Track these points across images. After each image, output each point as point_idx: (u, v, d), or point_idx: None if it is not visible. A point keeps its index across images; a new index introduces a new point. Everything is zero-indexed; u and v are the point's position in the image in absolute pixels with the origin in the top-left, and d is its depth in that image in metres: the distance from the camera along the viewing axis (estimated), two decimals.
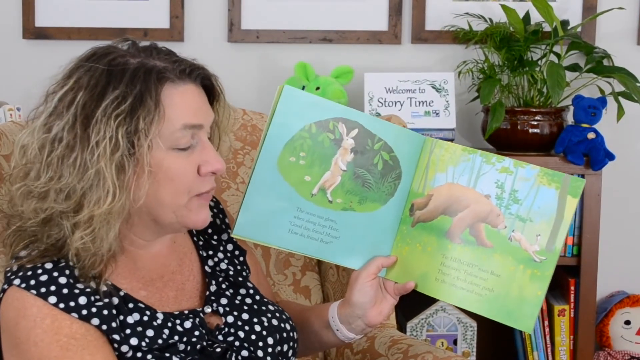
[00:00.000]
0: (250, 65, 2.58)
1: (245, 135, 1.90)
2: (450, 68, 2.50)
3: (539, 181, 1.30)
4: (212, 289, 1.33)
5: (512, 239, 1.31)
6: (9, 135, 1.51)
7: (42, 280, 1.16)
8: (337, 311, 1.43)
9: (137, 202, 1.19)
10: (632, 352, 2.44)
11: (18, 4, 2.59)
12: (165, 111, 1.18)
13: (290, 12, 2.55)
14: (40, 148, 1.17)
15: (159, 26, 2.57)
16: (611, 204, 2.49)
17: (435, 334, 2.38)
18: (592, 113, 2.27)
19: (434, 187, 1.36)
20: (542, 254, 1.29)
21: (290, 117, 1.32)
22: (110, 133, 1.14)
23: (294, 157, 1.33)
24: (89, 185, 1.14)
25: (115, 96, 1.15)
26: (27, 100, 2.29)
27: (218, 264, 1.38)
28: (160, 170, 1.19)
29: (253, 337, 1.30)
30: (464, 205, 1.34)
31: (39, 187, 1.16)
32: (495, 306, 1.30)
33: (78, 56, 1.23)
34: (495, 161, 1.33)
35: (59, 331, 1.14)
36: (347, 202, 1.36)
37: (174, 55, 1.24)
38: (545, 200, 1.30)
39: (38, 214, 1.17)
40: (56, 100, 1.18)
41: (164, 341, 1.21)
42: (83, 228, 1.16)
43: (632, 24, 2.51)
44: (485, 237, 1.32)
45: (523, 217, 1.30)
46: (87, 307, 1.16)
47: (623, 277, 2.56)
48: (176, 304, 1.29)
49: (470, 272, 1.32)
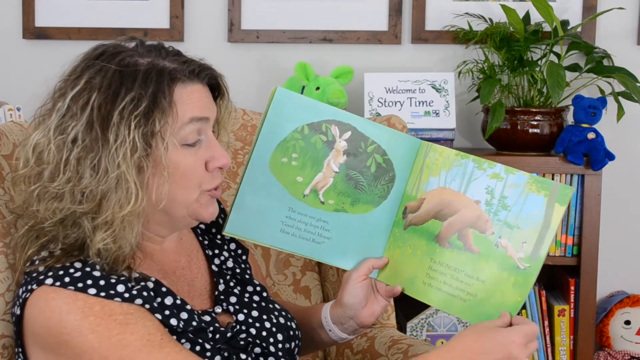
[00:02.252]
0: (250, 65, 2.58)
1: (245, 135, 1.90)
2: (450, 68, 2.50)
3: (528, 188, 1.30)
4: (221, 288, 1.35)
5: (498, 245, 1.30)
6: (9, 135, 1.51)
7: (76, 277, 1.16)
8: (329, 311, 1.44)
9: (159, 203, 1.21)
10: (632, 352, 2.44)
11: (18, 4, 2.59)
12: (177, 110, 1.19)
13: (290, 12, 2.55)
14: (58, 149, 1.17)
15: (159, 26, 2.57)
16: (611, 204, 2.49)
17: (435, 334, 2.38)
18: (592, 113, 2.27)
19: (426, 191, 1.36)
20: (527, 261, 1.28)
21: (282, 118, 1.34)
22: (129, 135, 1.15)
23: (286, 158, 1.34)
24: (110, 187, 1.16)
25: (131, 98, 1.16)
26: (27, 100, 2.29)
27: (224, 262, 1.39)
28: (174, 167, 1.21)
29: (264, 334, 1.32)
30: (454, 210, 1.34)
31: (57, 188, 1.16)
32: (477, 311, 1.30)
33: (85, 53, 1.23)
34: (486, 167, 1.33)
35: (112, 312, 1.15)
36: (340, 204, 1.37)
37: (182, 56, 1.26)
38: (533, 208, 1.29)
39: (55, 214, 1.17)
40: (69, 101, 1.18)
41: (198, 324, 1.23)
42: (104, 229, 1.17)
43: (632, 24, 2.51)
44: (472, 242, 1.32)
45: (511, 224, 1.30)
46: (127, 291, 1.17)
47: (623, 277, 2.56)
48: (190, 299, 1.30)
49: (456, 277, 1.32)
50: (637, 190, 2.56)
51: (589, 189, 2.27)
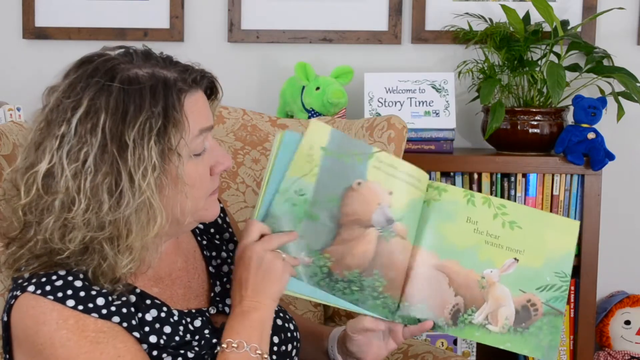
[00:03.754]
0: (250, 65, 2.58)
1: (245, 135, 1.90)
2: (450, 68, 2.50)
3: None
4: (217, 290, 1.34)
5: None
6: (9, 135, 1.51)
7: (57, 285, 1.14)
8: (337, 341, 1.43)
9: (184, 218, 1.20)
10: (632, 352, 2.44)
11: (18, 4, 2.59)
12: (189, 122, 1.17)
13: (290, 12, 2.55)
14: (73, 177, 1.12)
15: (159, 26, 2.57)
16: (611, 204, 2.49)
17: (435, 334, 2.37)
18: (592, 113, 2.27)
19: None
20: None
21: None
22: (148, 155, 1.12)
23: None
24: (134, 211, 1.13)
25: (144, 118, 1.13)
26: (27, 100, 2.29)
27: (221, 265, 1.38)
28: (189, 180, 1.19)
29: None
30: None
31: (76, 218, 1.12)
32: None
33: (75, 69, 1.17)
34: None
35: (85, 328, 1.13)
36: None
37: (177, 62, 1.22)
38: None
39: (74, 243, 1.13)
40: (75, 125, 1.12)
41: (181, 338, 1.22)
42: (127, 253, 1.15)
43: (632, 24, 2.51)
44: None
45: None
46: (106, 306, 1.15)
47: (623, 277, 2.56)
48: (185, 301, 1.30)
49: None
50: (637, 190, 2.56)
51: (589, 189, 2.27)
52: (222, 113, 1.91)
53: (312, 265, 1.30)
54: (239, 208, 1.82)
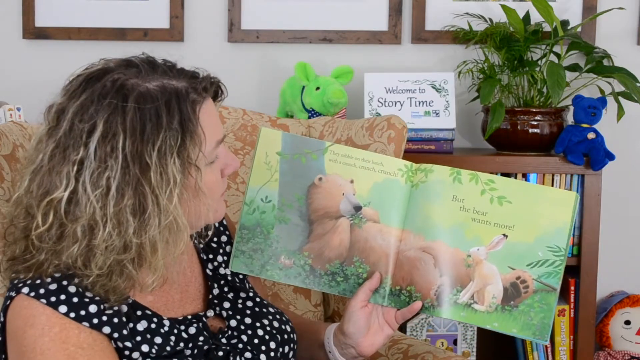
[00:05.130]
0: (250, 65, 2.58)
1: (245, 135, 1.90)
2: (450, 68, 2.50)
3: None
4: (215, 292, 1.34)
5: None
6: (9, 135, 1.51)
7: (51, 289, 1.14)
8: (333, 333, 1.42)
9: (201, 224, 1.23)
10: (632, 352, 2.44)
11: (18, 4, 2.59)
12: (205, 134, 1.17)
13: (290, 12, 2.55)
14: (98, 203, 1.10)
15: (159, 26, 2.57)
16: (611, 204, 2.49)
17: (435, 334, 2.38)
18: (592, 113, 2.27)
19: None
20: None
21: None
22: (170, 172, 1.12)
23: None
24: (159, 231, 1.13)
25: (164, 136, 1.12)
26: (27, 100, 2.29)
27: (218, 268, 1.38)
28: (207, 188, 1.19)
29: (256, 341, 1.30)
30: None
31: (102, 243, 1.11)
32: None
33: (82, 90, 1.14)
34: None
35: (66, 340, 1.13)
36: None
37: (183, 69, 1.21)
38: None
39: (100, 268, 1.12)
40: (94, 148, 1.10)
41: (172, 348, 1.21)
42: (153, 272, 1.15)
43: (632, 24, 2.51)
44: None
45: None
46: (97, 315, 1.15)
47: (623, 277, 2.56)
48: (181, 307, 1.29)
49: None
50: (637, 190, 2.56)
51: (589, 189, 2.27)
52: (222, 113, 1.91)
53: (294, 267, 1.35)
54: (238, 208, 1.82)
